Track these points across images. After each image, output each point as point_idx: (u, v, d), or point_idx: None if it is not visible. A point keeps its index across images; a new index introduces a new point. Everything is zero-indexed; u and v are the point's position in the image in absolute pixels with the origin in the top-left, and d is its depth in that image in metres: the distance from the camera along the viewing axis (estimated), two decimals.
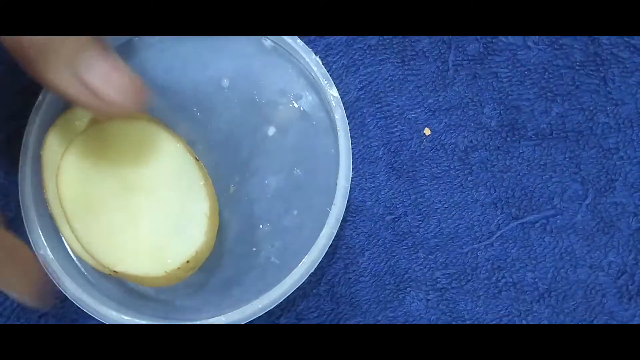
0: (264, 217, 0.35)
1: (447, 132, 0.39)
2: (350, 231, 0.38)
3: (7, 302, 0.37)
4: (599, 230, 0.38)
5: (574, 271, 0.37)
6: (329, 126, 0.36)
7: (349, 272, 0.38)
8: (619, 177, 0.38)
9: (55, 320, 0.37)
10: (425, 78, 0.40)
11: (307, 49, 0.35)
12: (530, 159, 0.39)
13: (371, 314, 0.37)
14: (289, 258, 0.34)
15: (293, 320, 0.37)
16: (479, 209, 0.38)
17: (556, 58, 0.40)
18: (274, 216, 0.35)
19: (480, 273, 0.38)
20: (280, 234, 0.35)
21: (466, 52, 0.40)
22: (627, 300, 0.37)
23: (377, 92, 0.40)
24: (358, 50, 0.40)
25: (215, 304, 0.33)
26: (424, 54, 0.40)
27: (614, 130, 0.39)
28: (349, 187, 0.33)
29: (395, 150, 0.39)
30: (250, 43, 0.37)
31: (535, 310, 0.37)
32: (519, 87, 0.39)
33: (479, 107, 0.39)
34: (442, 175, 0.39)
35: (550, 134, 0.39)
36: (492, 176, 0.39)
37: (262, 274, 0.34)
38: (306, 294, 0.37)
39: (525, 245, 0.38)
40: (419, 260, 0.38)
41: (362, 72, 0.40)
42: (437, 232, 0.38)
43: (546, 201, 0.38)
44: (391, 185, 0.39)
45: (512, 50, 0.40)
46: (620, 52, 0.39)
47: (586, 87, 0.39)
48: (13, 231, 0.38)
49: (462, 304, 0.37)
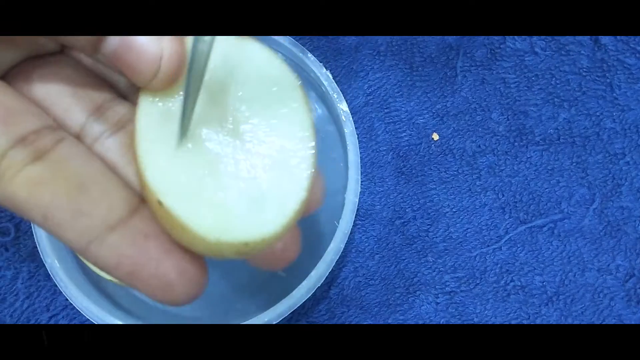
0: None
1: (455, 137, 0.37)
2: (360, 235, 0.36)
3: (17, 304, 0.35)
4: (606, 234, 0.36)
5: (582, 274, 0.35)
6: (338, 139, 0.33)
7: (358, 275, 0.35)
8: (625, 181, 0.36)
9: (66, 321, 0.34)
10: (433, 84, 0.38)
11: (318, 62, 0.32)
12: (538, 164, 0.37)
13: (381, 317, 0.35)
14: (296, 272, 0.31)
15: (303, 323, 0.35)
16: (487, 213, 0.36)
17: (563, 64, 0.37)
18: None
19: (488, 276, 0.35)
20: None
21: (474, 58, 0.38)
22: (636, 303, 0.35)
23: (386, 97, 0.37)
24: (367, 55, 0.38)
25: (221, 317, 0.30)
26: (432, 60, 0.38)
27: (620, 135, 0.37)
28: (357, 202, 0.30)
29: (404, 155, 0.37)
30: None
31: (544, 314, 0.35)
32: (527, 93, 0.37)
33: (487, 113, 0.37)
34: (450, 179, 0.37)
35: (558, 139, 0.37)
36: (500, 181, 0.36)
37: (269, 287, 0.32)
38: (316, 298, 0.35)
39: (533, 249, 0.36)
40: (428, 263, 0.36)
41: (370, 78, 0.38)
42: (446, 236, 0.36)
43: (554, 205, 0.36)
44: (400, 189, 0.36)
45: (520, 56, 0.38)
46: (627, 59, 0.37)
47: (593, 93, 0.37)
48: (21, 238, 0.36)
49: (471, 307, 0.35)
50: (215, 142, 0.18)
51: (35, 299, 0.35)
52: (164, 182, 0.17)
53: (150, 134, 0.17)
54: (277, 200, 0.18)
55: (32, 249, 0.35)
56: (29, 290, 0.35)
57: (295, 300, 0.29)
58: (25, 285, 0.35)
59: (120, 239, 0.16)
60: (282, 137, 0.19)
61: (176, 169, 0.17)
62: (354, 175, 0.31)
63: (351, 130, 0.32)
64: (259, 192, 0.18)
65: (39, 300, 0.35)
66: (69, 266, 0.31)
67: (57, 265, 0.30)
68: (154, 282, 0.16)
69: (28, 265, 0.35)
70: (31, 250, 0.36)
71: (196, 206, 0.17)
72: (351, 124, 0.32)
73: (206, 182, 0.17)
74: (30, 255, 0.36)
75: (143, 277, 0.16)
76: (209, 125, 0.18)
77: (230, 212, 0.17)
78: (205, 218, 0.17)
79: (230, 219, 0.17)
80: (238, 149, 0.18)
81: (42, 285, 0.35)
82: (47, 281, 0.35)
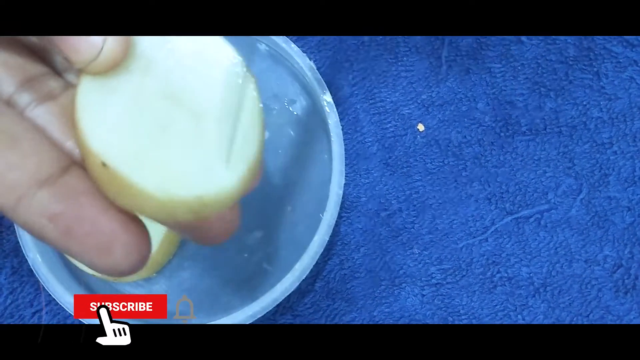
0: (256, 223, 0.32)
1: (440, 127, 0.36)
2: (345, 227, 0.35)
3: (0, 299, 0.33)
4: (593, 224, 0.34)
5: (570, 265, 0.34)
6: (322, 131, 0.32)
7: (344, 268, 0.34)
8: (612, 171, 0.35)
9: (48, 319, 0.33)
10: (418, 74, 0.36)
11: (302, 53, 0.31)
12: (524, 154, 0.35)
13: (367, 310, 0.34)
14: (280, 264, 0.30)
15: (289, 316, 0.34)
16: (473, 205, 0.35)
17: (549, 53, 0.36)
18: (266, 222, 0.32)
19: (475, 268, 0.34)
20: (272, 240, 0.32)
21: (459, 48, 0.36)
22: (623, 294, 0.33)
23: (371, 88, 0.36)
24: (351, 46, 0.37)
25: (205, 310, 0.29)
26: (417, 50, 0.37)
27: (608, 124, 0.35)
28: (341, 194, 0.29)
29: (389, 146, 0.36)
30: (244, 47, 0.33)
31: (531, 305, 0.34)
32: (513, 82, 0.36)
33: (473, 103, 0.36)
34: (436, 170, 0.35)
35: (544, 129, 0.35)
36: (486, 171, 0.35)
37: (254, 280, 0.31)
38: (302, 291, 0.34)
39: (519, 240, 0.34)
40: (414, 256, 0.34)
41: (355, 68, 0.36)
42: (432, 228, 0.35)
43: (540, 196, 0.35)
44: (385, 181, 0.35)
45: (505, 45, 0.36)
46: (614, 47, 0.36)
47: (579, 82, 0.36)
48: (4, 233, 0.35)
49: (457, 299, 0.34)
50: (158, 113, 0.17)
51: (19, 294, 0.34)
52: (108, 144, 0.16)
53: (91, 108, 0.16)
54: (229, 157, 0.17)
55: (15, 244, 0.34)
56: (12, 285, 0.34)
57: (280, 293, 0.28)
58: (8, 281, 0.34)
59: (51, 195, 0.14)
60: (228, 105, 0.18)
61: (119, 136, 0.16)
62: (339, 166, 0.30)
63: (335, 121, 0.31)
64: (207, 154, 0.17)
65: (23, 295, 0.34)
66: (52, 261, 0.30)
67: (40, 260, 0.29)
68: (90, 241, 0.14)
69: (11, 260, 0.34)
70: (14, 246, 0.34)
71: (143, 164, 0.16)
72: (335, 115, 0.31)
73: (153, 141, 0.16)
74: (13, 251, 0.34)
75: (77, 235, 0.14)
76: (150, 98, 0.17)
77: (181, 168, 0.16)
78: (154, 175, 0.16)
79: (181, 174, 0.16)
80: (183, 117, 0.17)
81: (26, 280, 0.34)
82: (30, 277, 0.34)
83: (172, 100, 0.18)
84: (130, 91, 0.17)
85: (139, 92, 0.17)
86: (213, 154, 0.17)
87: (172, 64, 0.18)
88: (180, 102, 0.18)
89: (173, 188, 0.16)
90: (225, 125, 0.18)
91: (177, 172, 0.16)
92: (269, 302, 0.28)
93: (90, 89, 0.17)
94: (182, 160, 0.17)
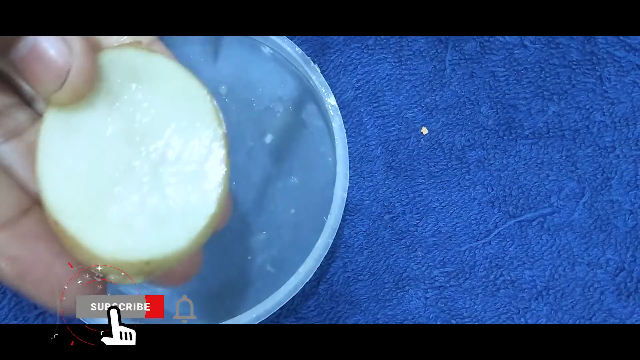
0: (260, 225, 0.32)
1: (444, 131, 0.36)
2: (349, 230, 0.35)
3: (5, 302, 0.33)
4: (596, 227, 0.34)
5: (572, 269, 0.34)
6: (326, 134, 0.32)
7: (347, 270, 0.34)
8: (615, 175, 0.35)
9: (53, 320, 0.33)
10: (422, 77, 0.36)
11: (306, 57, 0.31)
12: (527, 158, 0.35)
13: (370, 312, 0.34)
14: (284, 267, 0.30)
15: (292, 319, 0.33)
16: (476, 208, 0.35)
17: (552, 57, 0.36)
18: (270, 224, 0.32)
19: (478, 271, 0.34)
20: (276, 242, 0.31)
21: (463, 52, 0.36)
22: (626, 297, 0.33)
23: (375, 91, 0.36)
24: (355, 49, 0.36)
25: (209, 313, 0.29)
26: (420, 53, 0.36)
27: (610, 128, 0.35)
28: (345, 197, 0.29)
29: (393, 149, 0.35)
30: (248, 50, 0.33)
31: (534, 308, 0.33)
32: (516, 86, 0.36)
33: (476, 106, 0.36)
34: (439, 174, 0.35)
35: (547, 133, 0.35)
36: (490, 175, 0.35)
37: (258, 282, 0.31)
38: (305, 293, 0.34)
39: (522, 244, 0.34)
40: (417, 258, 0.34)
41: (359, 72, 0.36)
42: (435, 231, 0.35)
43: (543, 199, 0.35)
44: (389, 184, 0.35)
45: (509, 49, 0.36)
46: (616, 51, 0.36)
47: (582, 86, 0.36)
48: None
49: (460, 302, 0.34)
50: (117, 157, 0.17)
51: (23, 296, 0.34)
52: (60, 200, 0.16)
53: (51, 149, 0.16)
54: (182, 215, 0.17)
55: None
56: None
57: (284, 296, 0.28)
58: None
59: (9, 238, 0.14)
60: (191, 151, 0.17)
61: (73, 187, 0.16)
62: (342, 169, 0.30)
63: (339, 124, 0.30)
64: (162, 208, 0.16)
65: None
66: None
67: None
68: (43, 286, 0.14)
69: None
70: None
71: (92, 224, 0.16)
72: (339, 118, 0.31)
73: (105, 199, 0.16)
74: None
75: (31, 279, 0.14)
76: (112, 140, 0.17)
77: (130, 229, 0.16)
78: (102, 236, 0.16)
79: (129, 236, 0.16)
80: (142, 163, 0.17)
81: None
82: None
83: (132, 142, 0.17)
84: (92, 130, 0.17)
85: (101, 131, 0.17)
86: (168, 208, 0.17)
87: (138, 101, 0.18)
88: (141, 144, 0.17)
89: (120, 251, 0.16)
90: (185, 174, 0.17)
91: (128, 233, 0.16)
92: (272, 304, 0.27)
93: (54, 126, 0.17)
94: (133, 218, 0.16)
